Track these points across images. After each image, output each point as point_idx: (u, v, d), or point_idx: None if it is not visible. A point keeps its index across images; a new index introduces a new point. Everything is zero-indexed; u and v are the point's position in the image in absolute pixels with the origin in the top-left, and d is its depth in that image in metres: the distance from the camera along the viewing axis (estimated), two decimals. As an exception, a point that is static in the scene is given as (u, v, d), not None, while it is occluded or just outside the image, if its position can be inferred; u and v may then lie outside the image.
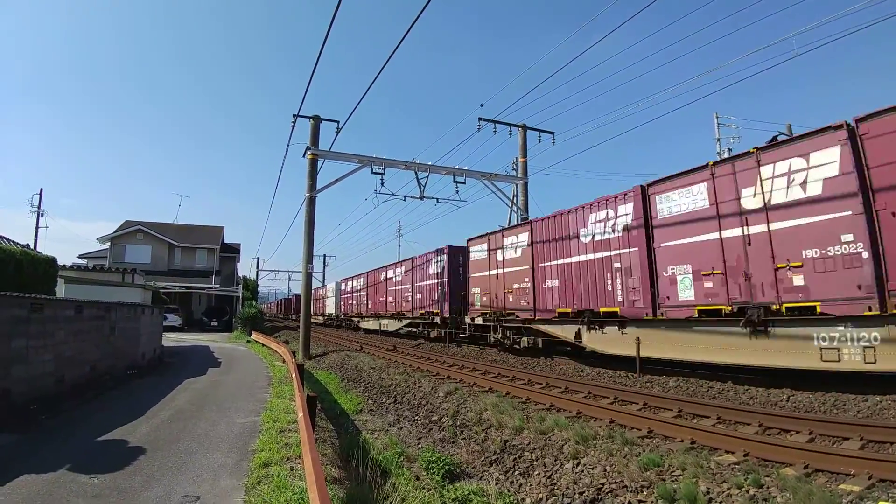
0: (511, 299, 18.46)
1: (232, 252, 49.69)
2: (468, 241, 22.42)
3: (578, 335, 14.81)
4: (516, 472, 7.44)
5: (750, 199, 10.53)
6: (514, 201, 25.36)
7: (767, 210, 10.18)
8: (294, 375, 11.00)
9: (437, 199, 24.72)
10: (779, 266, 9.91)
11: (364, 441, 8.28)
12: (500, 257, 19.45)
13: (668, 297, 12.15)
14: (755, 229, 10.41)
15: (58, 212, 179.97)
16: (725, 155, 25.15)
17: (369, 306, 37.49)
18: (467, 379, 13.51)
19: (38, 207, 40.74)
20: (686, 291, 11.72)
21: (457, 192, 23.98)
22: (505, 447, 8.21)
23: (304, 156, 22.61)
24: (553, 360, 16.67)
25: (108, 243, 41.01)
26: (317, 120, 22.94)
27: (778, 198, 10.03)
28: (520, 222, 21.91)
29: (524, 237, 18.02)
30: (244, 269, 79.63)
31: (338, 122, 22.66)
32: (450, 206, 24.94)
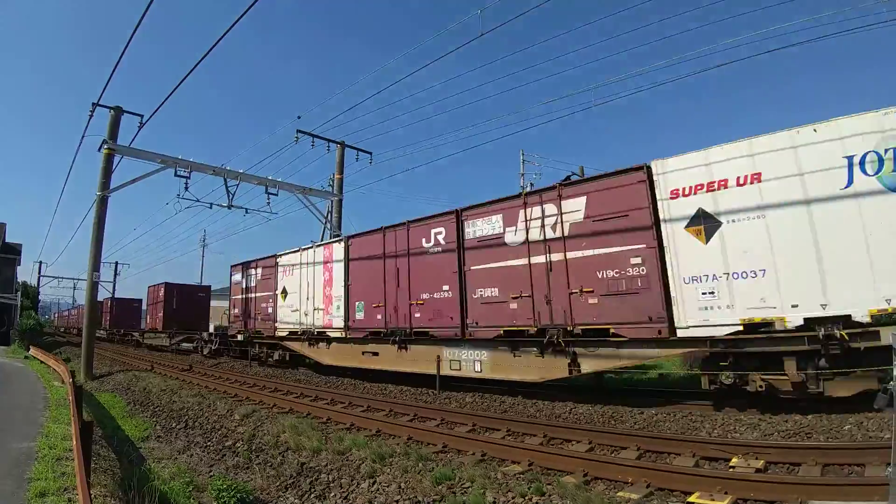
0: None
1: (13, 253, 41.53)
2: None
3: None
4: (312, 496, 7.20)
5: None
6: (329, 218, 25.02)
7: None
8: (70, 399, 9.99)
9: (247, 209, 23.51)
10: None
11: (148, 470, 7.71)
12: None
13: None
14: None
15: None
16: (528, 188, 27.40)
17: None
18: (268, 400, 12.81)
19: None
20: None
21: (268, 203, 23.05)
22: (302, 470, 7.90)
23: (99, 150, 19.92)
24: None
25: None
26: (118, 111, 20.38)
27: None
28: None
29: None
30: (26, 273, 67.44)
31: (141, 116, 20.22)
32: (260, 217, 23.97)
